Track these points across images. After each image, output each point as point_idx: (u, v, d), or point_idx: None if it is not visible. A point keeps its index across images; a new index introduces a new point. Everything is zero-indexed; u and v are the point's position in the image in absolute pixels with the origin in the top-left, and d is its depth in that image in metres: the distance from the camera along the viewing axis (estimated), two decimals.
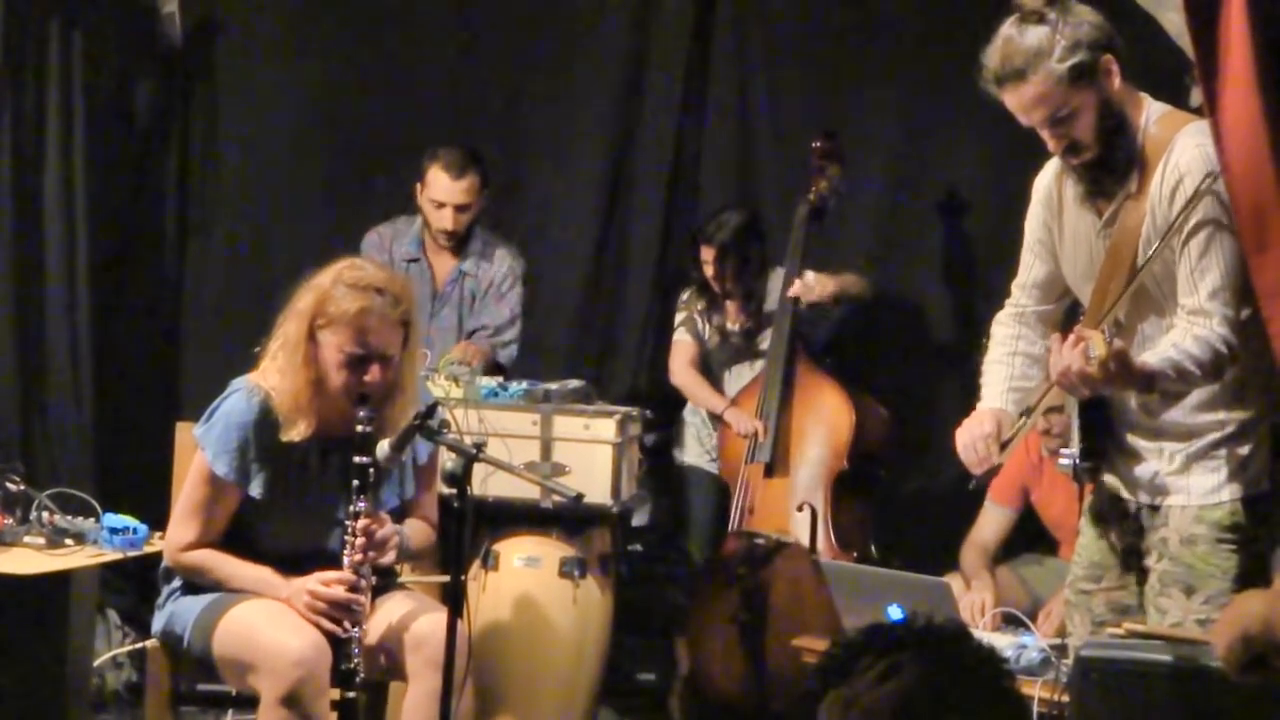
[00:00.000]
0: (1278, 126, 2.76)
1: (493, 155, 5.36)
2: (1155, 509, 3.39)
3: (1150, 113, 3.34)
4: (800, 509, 5.22)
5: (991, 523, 5.08)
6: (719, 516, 5.46)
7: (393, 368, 3.85)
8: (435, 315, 5.44)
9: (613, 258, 5.98)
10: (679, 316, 5.72)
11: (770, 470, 5.29)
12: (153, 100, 5.93)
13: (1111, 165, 3.32)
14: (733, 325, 5.66)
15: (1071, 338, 3.19)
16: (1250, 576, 3.30)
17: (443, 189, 5.33)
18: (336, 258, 3.94)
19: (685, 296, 5.73)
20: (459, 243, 5.43)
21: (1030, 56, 3.22)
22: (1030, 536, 5.17)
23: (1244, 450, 3.34)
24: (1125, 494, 3.45)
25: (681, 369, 5.65)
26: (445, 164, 5.31)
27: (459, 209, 5.34)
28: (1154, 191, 3.27)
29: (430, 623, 3.83)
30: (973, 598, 4.80)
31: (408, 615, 3.89)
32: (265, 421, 3.86)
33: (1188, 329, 3.26)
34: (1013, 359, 3.59)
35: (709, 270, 5.57)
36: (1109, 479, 3.48)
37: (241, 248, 6.11)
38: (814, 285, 5.38)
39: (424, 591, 4.30)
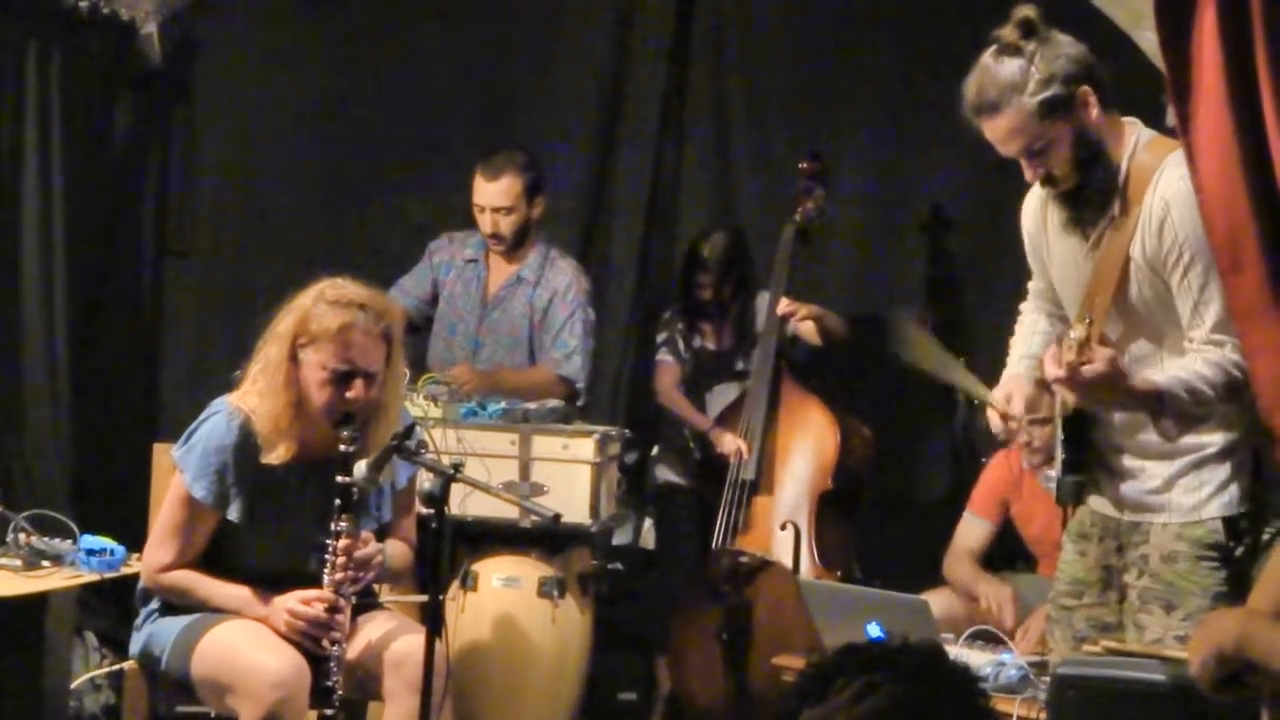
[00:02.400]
0: (1250, 146, 2.77)
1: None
2: (1136, 526, 3.41)
3: (1139, 138, 3.35)
4: (784, 528, 5.22)
5: (971, 535, 5.07)
6: (701, 535, 5.46)
7: (376, 385, 3.84)
8: (485, 318, 5.43)
9: (592, 279, 5.99)
10: (660, 337, 5.72)
11: (755, 489, 5.29)
12: (131, 121, 5.90)
13: (1088, 195, 3.34)
14: (714, 346, 5.67)
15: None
16: (1230, 595, 3.32)
17: (480, 192, 5.32)
18: (316, 278, 3.93)
19: (666, 317, 5.74)
20: (511, 249, 5.39)
21: (1004, 90, 3.25)
22: (1009, 556, 5.16)
23: (1226, 470, 3.35)
24: (1107, 511, 3.47)
25: (666, 390, 5.66)
26: (483, 167, 5.31)
27: (498, 211, 5.31)
28: (1143, 222, 3.28)
29: (409, 644, 3.82)
30: (988, 600, 4.78)
31: (386, 636, 3.88)
32: (245, 444, 3.85)
33: (1199, 354, 3.28)
34: (1032, 337, 3.65)
35: (706, 293, 5.58)
36: (1091, 496, 3.49)
37: (220, 269, 6.10)
38: (799, 305, 5.38)
39: (403, 612, 4.29)
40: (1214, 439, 3.35)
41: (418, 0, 6.12)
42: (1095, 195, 3.33)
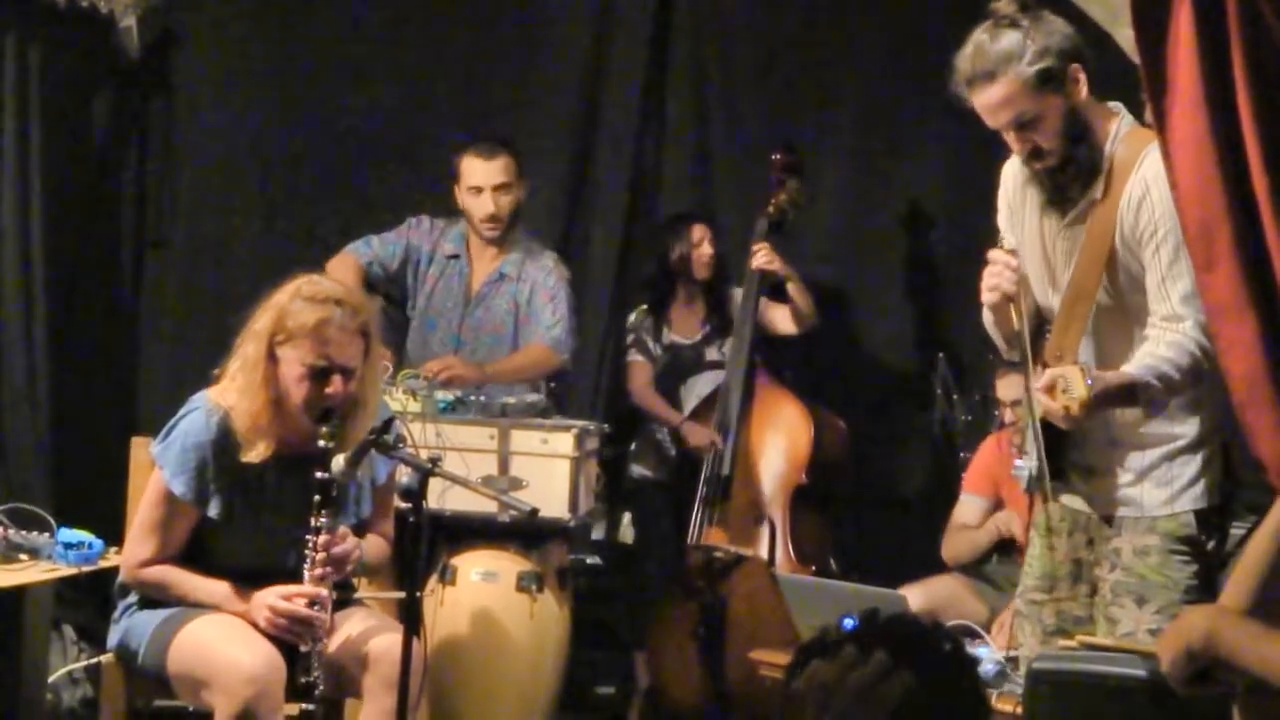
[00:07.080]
0: (1225, 144, 2.78)
1: (449, 173, 5.36)
2: (1107, 520, 3.43)
3: (1123, 125, 3.38)
4: (758, 522, 5.23)
5: (969, 511, 5.13)
6: (677, 531, 5.47)
7: (354, 380, 3.84)
8: (469, 316, 5.39)
9: (571, 273, 5.99)
10: (629, 338, 5.73)
11: (729, 483, 5.30)
12: (110, 115, 5.90)
13: (1071, 174, 3.35)
14: (684, 339, 5.68)
15: (1046, 379, 3.22)
16: (1201, 588, 3.34)
17: (478, 173, 5.27)
18: (294, 273, 3.93)
19: (633, 318, 5.76)
20: (505, 231, 5.34)
21: (1001, 59, 3.28)
22: (996, 546, 5.18)
23: (1197, 463, 3.38)
24: (1077, 505, 3.48)
25: (640, 389, 5.67)
26: (475, 150, 5.28)
27: (496, 189, 5.27)
28: (1124, 204, 3.31)
29: (386, 641, 3.82)
30: (998, 526, 4.82)
31: (364, 634, 3.88)
32: (224, 442, 3.85)
33: (1160, 336, 3.29)
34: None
35: (704, 249, 5.58)
36: (1061, 490, 3.50)
37: (199, 263, 6.09)
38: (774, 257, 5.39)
39: (382, 608, 4.28)
40: (1186, 431, 3.38)
41: None
42: (1078, 173, 3.35)
